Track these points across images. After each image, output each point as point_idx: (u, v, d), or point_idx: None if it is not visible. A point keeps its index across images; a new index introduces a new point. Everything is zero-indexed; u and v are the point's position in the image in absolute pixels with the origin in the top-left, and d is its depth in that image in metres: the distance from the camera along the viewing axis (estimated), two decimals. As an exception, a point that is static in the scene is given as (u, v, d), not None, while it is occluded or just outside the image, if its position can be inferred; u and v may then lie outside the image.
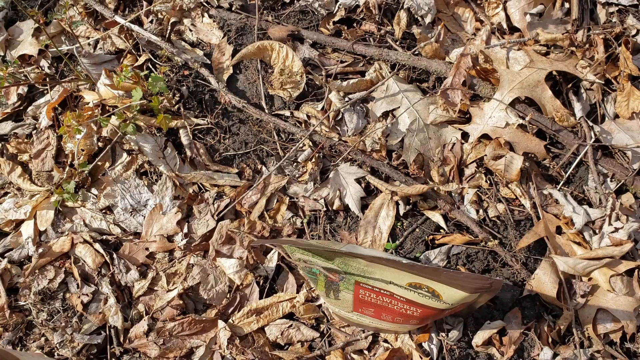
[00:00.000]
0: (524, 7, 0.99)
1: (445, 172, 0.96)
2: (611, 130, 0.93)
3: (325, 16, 1.06)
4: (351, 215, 0.98)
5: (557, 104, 0.92)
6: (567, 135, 0.92)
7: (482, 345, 0.87)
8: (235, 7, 1.10)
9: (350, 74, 1.03)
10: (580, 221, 0.88)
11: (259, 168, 1.03)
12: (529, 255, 0.90)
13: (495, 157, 0.92)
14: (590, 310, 0.85)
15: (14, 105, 1.13)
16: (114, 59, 1.11)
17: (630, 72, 0.93)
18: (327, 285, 0.79)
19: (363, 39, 1.03)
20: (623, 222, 0.88)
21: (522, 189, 0.92)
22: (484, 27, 1.00)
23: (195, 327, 0.93)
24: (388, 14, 1.05)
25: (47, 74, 1.13)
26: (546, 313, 0.88)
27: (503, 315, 0.88)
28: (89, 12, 1.16)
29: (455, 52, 1.00)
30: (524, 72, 0.93)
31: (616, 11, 0.99)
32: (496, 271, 0.91)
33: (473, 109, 0.95)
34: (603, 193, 0.90)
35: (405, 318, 0.79)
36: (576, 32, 0.97)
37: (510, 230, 0.92)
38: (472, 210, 0.93)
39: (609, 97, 0.95)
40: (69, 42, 1.14)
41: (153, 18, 1.11)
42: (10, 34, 1.18)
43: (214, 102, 1.05)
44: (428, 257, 0.92)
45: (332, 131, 1.01)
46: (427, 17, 1.01)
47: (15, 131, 1.11)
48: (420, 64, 0.99)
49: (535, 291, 0.87)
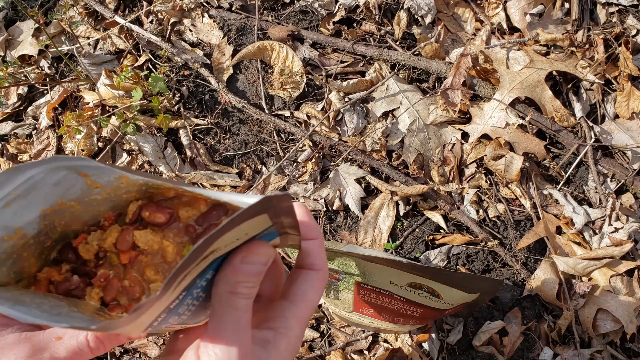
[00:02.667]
0: (524, 7, 0.99)
1: (445, 172, 0.96)
2: (611, 130, 0.93)
3: (325, 16, 1.06)
4: (351, 216, 0.98)
5: (557, 104, 0.92)
6: (567, 136, 0.92)
7: (482, 345, 0.87)
8: (235, 7, 1.10)
9: (350, 74, 1.03)
10: (580, 221, 0.88)
11: (259, 168, 1.03)
12: (529, 256, 0.90)
13: (495, 157, 0.92)
14: (590, 310, 0.85)
15: (14, 105, 1.13)
16: (114, 59, 1.11)
17: (630, 72, 0.93)
18: (327, 285, 0.79)
19: (363, 39, 1.04)
20: (623, 222, 0.88)
21: (522, 189, 0.92)
22: (484, 27, 1.00)
23: (195, 327, 0.93)
24: (388, 14, 1.05)
25: (47, 74, 1.13)
26: (546, 313, 0.88)
27: (503, 315, 0.88)
28: (89, 12, 1.16)
29: (455, 52, 1.00)
30: (524, 72, 0.93)
31: (616, 11, 0.99)
32: (496, 271, 0.91)
33: (473, 109, 0.95)
34: (603, 193, 0.90)
35: (405, 318, 0.79)
36: (576, 32, 0.97)
37: (510, 230, 0.92)
38: (472, 210, 0.93)
39: (609, 97, 0.95)
40: (69, 42, 1.14)
41: (153, 18, 1.11)
42: (10, 34, 1.18)
43: (214, 102, 1.05)
44: (428, 257, 0.92)
45: (332, 131, 1.01)
46: (427, 17, 1.01)
47: (15, 131, 1.11)
48: (420, 64, 0.99)
49: (535, 291, 0.87)
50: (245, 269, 0.34)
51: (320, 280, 0.39)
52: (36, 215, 0.35)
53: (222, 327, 0.33)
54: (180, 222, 0.39)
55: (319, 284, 0.39)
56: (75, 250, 0.39)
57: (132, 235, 0.38)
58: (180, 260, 0.37)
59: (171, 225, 0.39)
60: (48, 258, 0.40)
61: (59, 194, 0.35)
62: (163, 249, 0.39)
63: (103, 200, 0.38)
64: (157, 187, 0.39)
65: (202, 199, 0.40)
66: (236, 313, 0.33)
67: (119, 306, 0.38)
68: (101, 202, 0.38)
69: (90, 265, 0.39)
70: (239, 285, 0.34)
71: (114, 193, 0.38)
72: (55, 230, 0.38)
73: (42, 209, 0.35)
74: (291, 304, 0.37)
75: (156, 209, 0.39)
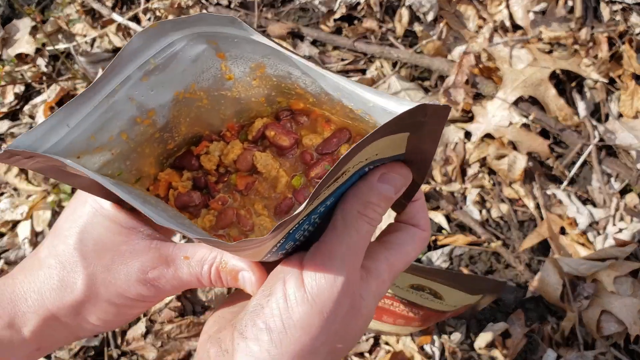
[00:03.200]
0: (527, 5, 0.97)
1: (447, 172, 0.95)
2: (615, 129, 0.92)
3: (325, 13, 1.05)
4: (352, 216, 0.97)
5: (560, 103, 0.91)
6: (571, 135, 0.91)
7: (485, 347, 0.86)
8: (234, 4, 1.09)
9: (351, 72, 1.02)
10: (584, 222, 0.87)
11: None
12: (533, 256, 0.89)
13: (499, 156, 0.91)
14: (594, 311, 0.84)
15: (11, 104, 1.12)
16: (112, 57, 1.10)
17: (634, 71, 0.92)
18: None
19: (364, 36, 1.02)
20: (627, 222, 0.87)
21: (525, 189, 0.91)
22: (486, 25, 0.99)
23: (193, 329, 0.92)
24: (389, 11, 1.04)
25: (44, 73, 1.12)
26: (550, 315, 0.87)
27: (506, 317, 0.87)
28: (86, 10, 1.14)
29: (458, 50, 0.99)
30: (527, 70, 0.92)
31: (620, 9, 0.98)
32: (499, 272, 0.90)
33: (476, 108, 0.94)
34: (607, 193, 0.89)
35: (407, 320, 0.78)
36: (580, 31, 0.96)
37: (514, 231, 0.91)
38: (475, 210, 0.92)
39: (613, 96, 0.94)
40: (66, 40, 1.13)
41: (151, 16, 1.10)
42: (7, 32, 1.16)
43: (213, 101, 1.04)
44: (430, 258, 0.91)
45: (333, 130, 1.00)
46: (429, 15, 1.00)
47: (11, 130, 1.10)
48: (422, 62, 0.98)
49: (539, 293, 0.86)
50: (382, 188, 0.32)
51: (423, 240, 0.37)
52: (169, 97, 0.34)
53: (337, 249, 0.31)
54: (300, 149, 0.38)
55: (420, 243, 0.37)
56: (198, 158, 0.38)
57: (252, 156, 0.37)
58: (288, 194, 0.37)
59: (290, 152, 0.38)
60: (165, 163, 0.38)
61: (194, 74, 0.34)
62: (277, 177, 0.37)
63: (231, 100, 0.37)
64: (289, 91, 0.37)
65: (330, 121, 0.37)
66: (357, 237, 0.32)
67: (226, 237, 0.37)
68: (229, 102, 0.37)
69: (210, 179, 0.38)
70: (370, 206, 0.32)
71: (244, 92, 0.37)
72: (179, 129, 0.37)
73: (176, 91, 0.34)
74: (386, 250, 0.36)
75: (282, 131, 0.37)
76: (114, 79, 0.31)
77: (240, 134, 0.39)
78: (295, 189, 0.37)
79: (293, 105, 0.38)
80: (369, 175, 0.33)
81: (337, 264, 0.31)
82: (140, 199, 0.31)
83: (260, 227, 0.37)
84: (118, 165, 0.34)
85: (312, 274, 0.31)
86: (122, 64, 0.31)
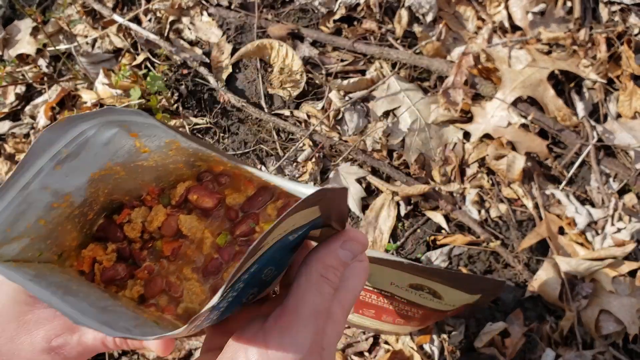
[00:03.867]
0: (526, 6, 0.98)
1: (446, 172, 0.95)
2: (614, 129, 0.92)
3: (325, 14, 1.05)
4: (352, 216, 0.97)
5: (559, 103, 0.92)
6: (570, 135, 0.91)
7: (484, 346, 0.86)
8: (235, 6, 1.10)
9: (351, 73, 1.03)
10: (582, 221, 0.88)
11: (259, 168, 1.02)
12: (531, 256, 0.90)
13: (497, 156, 0.91)
14: (592, 311, 0.85)
15: (12, 104, 1.13)
16: (112, 58, 1.10)
17: (632, 72, 0.92)
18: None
19: (364, 37, 1.03)
20: (626, 222, 0.88)
21: (524, 189, 0.91)
22: (485, 26, 0.99)
23: (194, 328, 0.92)
24: (389, 12, 1.05)
25: (45, 73, 1.12)
26: (548, 314, 0.87)
27: (505, 316, 0.88)
28: (87, 11, 1.15)
29: (457, 50, 0.99)
30: (526, 71, 0.92)
31: (618, 10, 0.98)
32: (498, 272, 0.91)
33: (475, 108, 0.95)
34: (606, 193, 0.89)
35: (406, 319, 0.78)
36: (578, 31, 0.96)
37: (513, 230, 0.91)
38: (474, 210, 0.92)
39: (612, 97, 0.94)
40: (67, 41, 1.13)
41: (151, 16, 1.10)
42: (8, 32, 1.17)
43: (213, 102, 1.05)
44: (429, 258, 0.91)
45: (333, 131, 1.00)
46: (429, 16, 1.00)
47: (13, 131, 1.10)
48: (422, 63, 0.98)
49: (538, 292, 0.86)
50: (342, 255, 0.34)
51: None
52: (85, 179, 0.34)
53: (302, 311, 0.32)
54: (225, 208, 0.38)
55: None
56: (121, 227, 0.38)
57: (177, 220, 0.37)
58: (214, 254, 0.37)
59: (215, 213, 0.38)
60: (88, 233, 0.38)
61: (108, 155, 0.34)
62: (202, 239, 0.37)
63: (149, 168, 0.37)
64: (207, 159, 0.37)
65: (251, 180, 0.38)
66: (319, 298, 0.32)
67: (155, 305, 0.37)
68: (147, 170, 0.37)
69: (135, 247, 0.38)
70: (331, 270, 0.33)
71: (161, 161, 0.37)
72: (98, 200, 0.37)
73: (91, 172, 0.34)
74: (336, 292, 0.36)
75: (205, 193, 0.38)
76: (26, 174, 0.31)
77: (162, 197, 0.39)
78: (220, 247, 0.37)
79: (213, 168, 0.39)
80: (330, 242, 0.34)
81: (302, 325, 0.32)
82: (62, 288, 0.31)
83: (190, 292, 0.37)
84: (38, 246, 0.34)
85: (277, 339, 0.31)
86: (33, 158, 0.31)
